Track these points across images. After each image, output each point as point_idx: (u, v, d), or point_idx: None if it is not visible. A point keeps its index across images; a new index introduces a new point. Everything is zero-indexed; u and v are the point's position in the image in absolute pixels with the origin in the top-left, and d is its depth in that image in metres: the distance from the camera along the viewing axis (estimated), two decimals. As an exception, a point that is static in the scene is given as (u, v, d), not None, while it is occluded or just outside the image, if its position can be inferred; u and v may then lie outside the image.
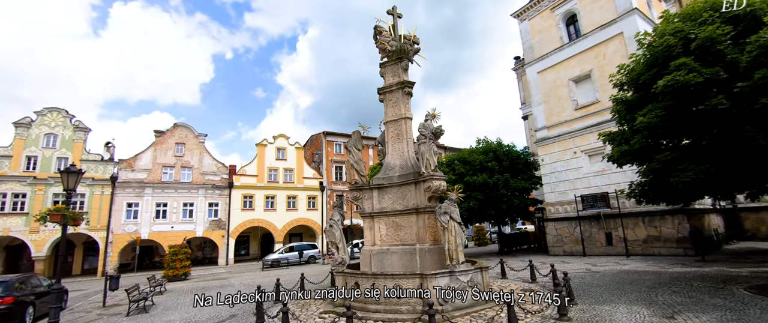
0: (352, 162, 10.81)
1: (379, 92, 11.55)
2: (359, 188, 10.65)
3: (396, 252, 9.82)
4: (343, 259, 10.04)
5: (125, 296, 15.02)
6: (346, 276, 9.19)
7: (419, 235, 9.62)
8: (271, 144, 35.87)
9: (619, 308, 7.94)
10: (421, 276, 8.18)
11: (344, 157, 40.19)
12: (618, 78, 10.04)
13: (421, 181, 9.70)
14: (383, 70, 11.69)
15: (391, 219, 10.19)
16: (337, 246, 10.15)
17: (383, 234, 10.20)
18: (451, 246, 8.68)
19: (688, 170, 7.49)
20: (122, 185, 27.29)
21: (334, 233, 10.13)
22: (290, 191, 35.68)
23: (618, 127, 10.88)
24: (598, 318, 7.29)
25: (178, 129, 31.35)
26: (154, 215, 28.34)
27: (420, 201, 9.70)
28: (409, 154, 10.69)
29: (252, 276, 20.97)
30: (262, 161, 34.98)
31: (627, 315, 7.40)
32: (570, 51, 20.39)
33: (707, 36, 7.61)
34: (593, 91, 19.16)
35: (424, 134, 9.88)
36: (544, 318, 7.37)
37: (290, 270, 23.55)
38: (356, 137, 11.20)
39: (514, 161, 22.28)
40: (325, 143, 39.58)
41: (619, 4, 18.12)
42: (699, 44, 7.75)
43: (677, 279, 10.60)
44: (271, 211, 34.31)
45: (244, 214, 32.85)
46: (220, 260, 30.92)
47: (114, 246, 26.25)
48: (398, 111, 11.06)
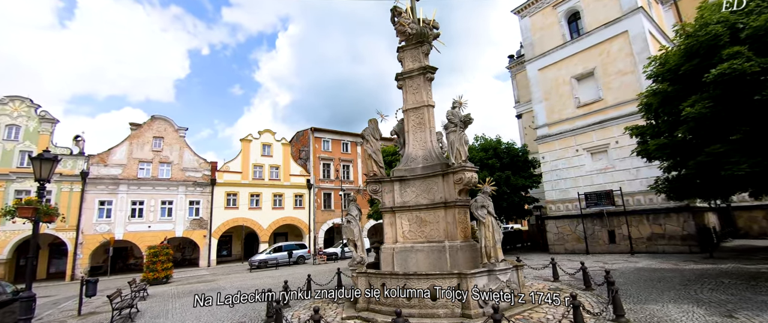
0: (371, 152, 9.91)
1: (398, 77, 10.73)
2: (378, 181, 9.77)
3: (421, 250, 9.02)
4: (362, 258, 9.13)
5: (102, 303, 13.50)
6: (370, 276, 8.29)
7: (448, 231, 8.85)
8: (256, 139, 34.25)
9: (668, 307, 7.45)
10: (460, 276, 7.40)
11: (332, 154, 39.03)
12: (652, 70, 9.67)
13: (451, 173, 8.95)
14: (402, 54, 10.88)
15: (415, 214, 9.38)
16: (356, 244, 9.23)
17: (406, 231, 9.37)
18: (489, 242, 7.98)
19: (741, 163, 7.13)
20: (94, 182, 25.08)
21: (353, 229, 9.20)
22: (276, 189, 34.19)
23: (646, 121, 10.55)
24: (655, 319, 6.76)
25: (157, 122, 29.28)
26: (129, 214, 26.24)
27: (449, 194, 8.94)
28: (432, 144, 9.92)
29: (240, 277, 19.59)
30: (247, 157, 33.34)
31: (682, 314, 6.92)
32: (572, 49, 20.27)
33: (760, 24, 7.27)
34: (596, 89, 19.08)
35: (454, 122, 9.13)
36: (598, 319, 6.77)
37: (280, 271, 22.26)
38: (374, 125, 10.32)
39: (514, 159, 21.98)
40: (312, 140, 38.20)
41: (623, 3, 18.10)
42: (750, 33, 7.41)
43: (703, 276, 10.34)
44: (256, 209, 32.73)
45: (227, 213, 31.13)
46: (201, 261, 29.09)
47: (84, 247, 24.04)
48: (420, 98, 10.28)
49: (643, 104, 10.44)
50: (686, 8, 21.26)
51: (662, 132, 9.28)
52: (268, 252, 26.64)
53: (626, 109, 17.68)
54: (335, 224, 37.56)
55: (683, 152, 8.45)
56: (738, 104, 7.30)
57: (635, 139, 11.49)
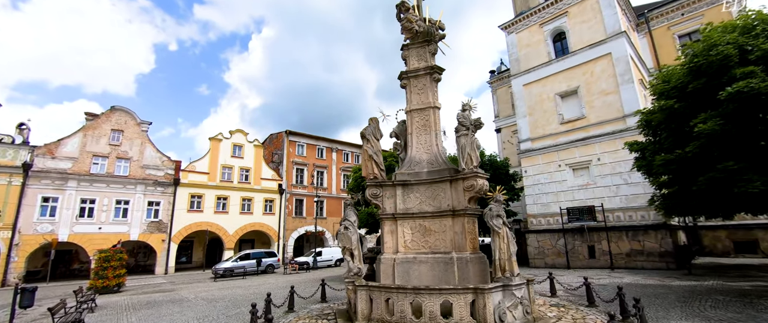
0: (372, 153, 9.14)
1: (402, 76, 10.12)
2: (379, 185, 9.00)
3: (425, 262, 8.30)
4: (359, 269, 8.26)
5: (40, 315, 11.59)
6: (372, 290, 7.43)
7: (455, 242, 8.22)
8: (226, 139, 32.31)
9: (682, 326, 7.22)
10: (476, 291, 6.76)
11: (306, 159, 37.61)
12: (656, 87, 9.74)
13: (461, 179, 8.37)
14: (406, 52, 10.31)
15: (418, 222, 8.68)
16: (353, 254, 8.34)
17: (408, 240, 8.63)
18: (504, 254, 7.42)
19: (754, 180, 7.15)
20: (38, 175, 22.26)
21: (350, 237, 8.33)
22: (246, 192, 32.28)
23: (645, 138, 10.65)
24: (678, 340, 6.44)
25: (116, 113, 26.74)
26: (77, 214, 23.49)
27: (458, 202, 8.34)
28: (438, 148, 9.34)
29: (204, 287, 17.84)
30: (216, 157, 31.29)
31: (701, 335, 6.66)
32: (557, 67, 20.74)
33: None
34: (579, 107, 19.53)
35: (465, 125, 8.61)
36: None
37: (249, 280, 20.61)
38: (375, 124, 9.58)
39: (498, 171, 21.93)
40: (287, 143, 36.68)
41: (608, 26, 18.79)
42: (760, 55, 7.54)
43: (695, 293, 10.38)
44: (223, 213, 30.63)
45: (190, 216, 28.85)
46: (157, 268, 26.56)
47: (21, 249, 21.10)
48: (425, 99, 9.72)
49: (643, 121, 10.53)
50: (660, 36, 22.53)
51: (664, 148, 9.31)
52: (235, 260, 24.74)
53: (609, 127, 18.19)
54: (308, 232, 36.02)
55: (692, 168, 8.47)
56: (750, 122, 7.35)
57: (634, 154, 11.59)
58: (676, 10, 21.83)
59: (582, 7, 19.87)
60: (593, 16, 19.36)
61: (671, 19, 21.98)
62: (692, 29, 20.99)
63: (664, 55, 21.68)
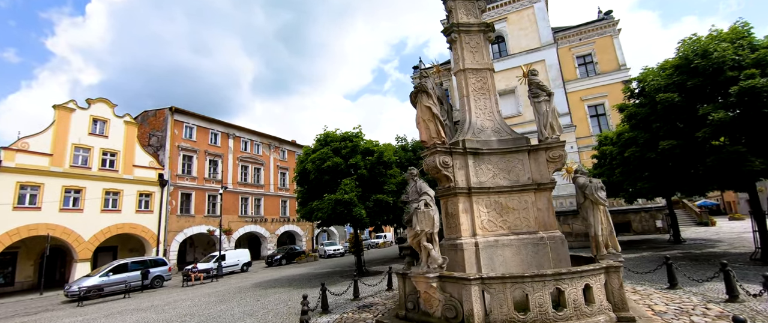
0: (436, 111, 7.25)
1: (451, 30, 8.57)
2: (449, 152, 7.19)
3: (508, 245, 6.93)
4: (444, 260, 6.28)
5: None
6: (491, 283, 5.67)
7: (541, 220, 7.13)
8: (82, 110, 23.63)
9: (708, 284, 7.85)
10: (607, 271, 5.86)
11: (196, 145, 30.81)
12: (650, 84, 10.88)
13: (544, 148, 7.34)
14: (452, 3, 8.78)
15: (493, 199, 7.25)
16: (433, 239, 6.29)
17: (484, 220, 7.10)
18: (606, 229, 6.72)
19: (754, 161, 8.55)
20: None
21: (433, 216, 6.24)
22: (111, 183, 24.20)
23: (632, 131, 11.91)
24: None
25: None
26: None
27: (541, 175, 7.28)
28: (500, 115, 8.15)
29: (52, 316, 12.05)
30: (64, 133, 22.46)
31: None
32: (496, 67, 22.14)
33: (762, 56, 9.01)
34: (516, 105, 21.26)
35: (546, 91, 7.66)
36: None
37: (135, 301, 14.99)
38: (435, 78, 7.73)
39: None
40: (171, 123, 29.34)
41: (542, 36, 21.06)
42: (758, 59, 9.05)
43: (655, 262, 11.96)
44: (74, 211, 22.16)
45: (17, 215, 19.84)
46: (-50, 297, 17.05)
47: None
48: (481, 59, 8.43)
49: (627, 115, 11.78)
50: (563, 55, 26.71)
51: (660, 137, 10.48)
52: (105, 273, 17.84)
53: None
54: (199, 234, 29.44)
55: (697, 151, 9.73)
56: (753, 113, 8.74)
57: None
58: (575, 35, 26.23)
59: (520, 15, 21.80)
60: (529, 25, 21.44)
61: (572, 42, 26.34)
62: (585, 52, 25.52)
63: (567, 71, 25.75)
